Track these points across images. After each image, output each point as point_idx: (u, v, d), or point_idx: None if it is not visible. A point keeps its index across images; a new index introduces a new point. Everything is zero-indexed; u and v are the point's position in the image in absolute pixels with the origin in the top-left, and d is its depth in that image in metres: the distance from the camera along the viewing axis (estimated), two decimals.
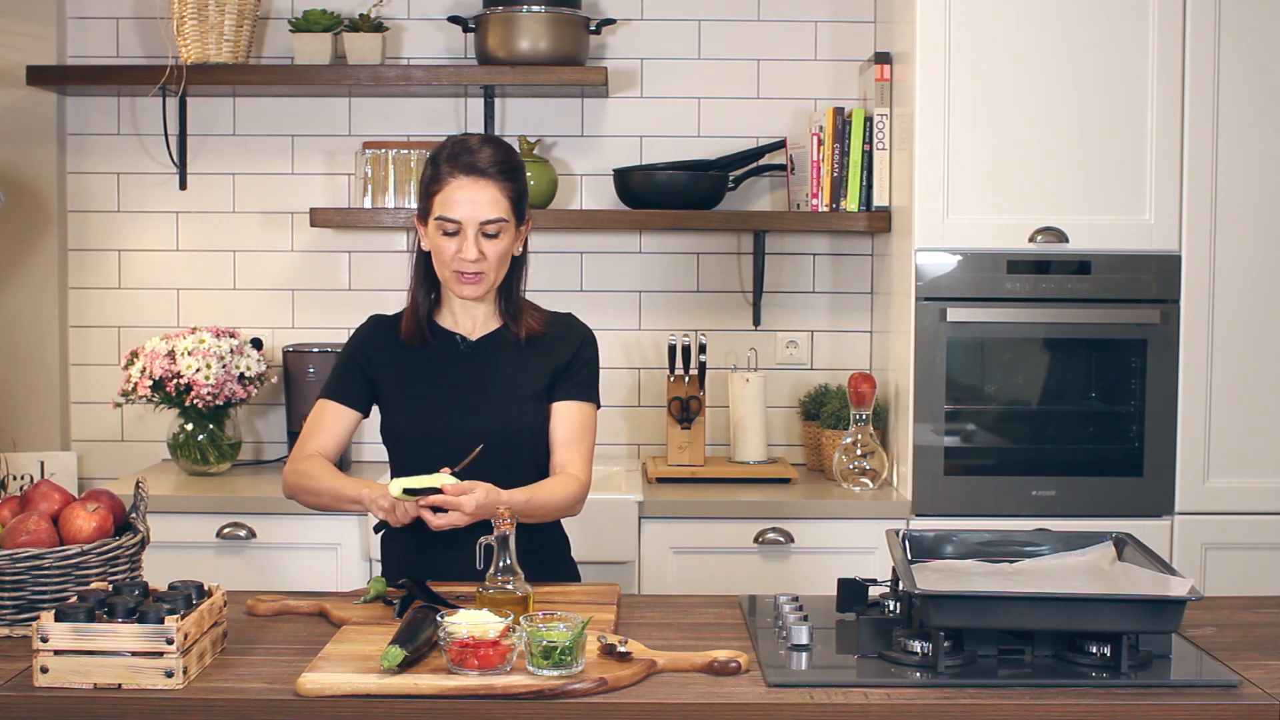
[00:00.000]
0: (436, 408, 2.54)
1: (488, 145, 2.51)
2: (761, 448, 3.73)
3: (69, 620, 1.92)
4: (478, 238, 2.46)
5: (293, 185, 3.91)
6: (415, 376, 2.57)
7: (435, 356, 2.58)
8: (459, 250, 2.46)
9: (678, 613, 2.34)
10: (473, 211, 2.45)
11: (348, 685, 1.91)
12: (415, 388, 2.57)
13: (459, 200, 2.46)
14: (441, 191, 2.47)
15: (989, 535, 2.36)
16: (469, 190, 2.46)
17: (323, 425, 2.60)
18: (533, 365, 2.58)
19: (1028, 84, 3.36)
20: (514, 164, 2.53)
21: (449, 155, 2.49)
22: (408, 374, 2.58)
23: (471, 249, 2.46)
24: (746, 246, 3.91)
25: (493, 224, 2.46)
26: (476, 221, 2.46)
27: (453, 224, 2.46)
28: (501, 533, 2.21)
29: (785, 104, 3.89)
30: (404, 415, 2.56)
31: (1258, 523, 3.42)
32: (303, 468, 2.54)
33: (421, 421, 2.54)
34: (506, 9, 3.64)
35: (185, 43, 3.68)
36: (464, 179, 2.46)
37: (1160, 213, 3.38)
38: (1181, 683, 1.99)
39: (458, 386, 2.55)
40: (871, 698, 1.92)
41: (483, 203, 2.46)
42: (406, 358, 2.58)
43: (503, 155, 2.51)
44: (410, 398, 2.56)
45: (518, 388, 2.56)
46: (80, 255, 3.91)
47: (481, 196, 2.46)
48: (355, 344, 2.64)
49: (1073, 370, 3.51)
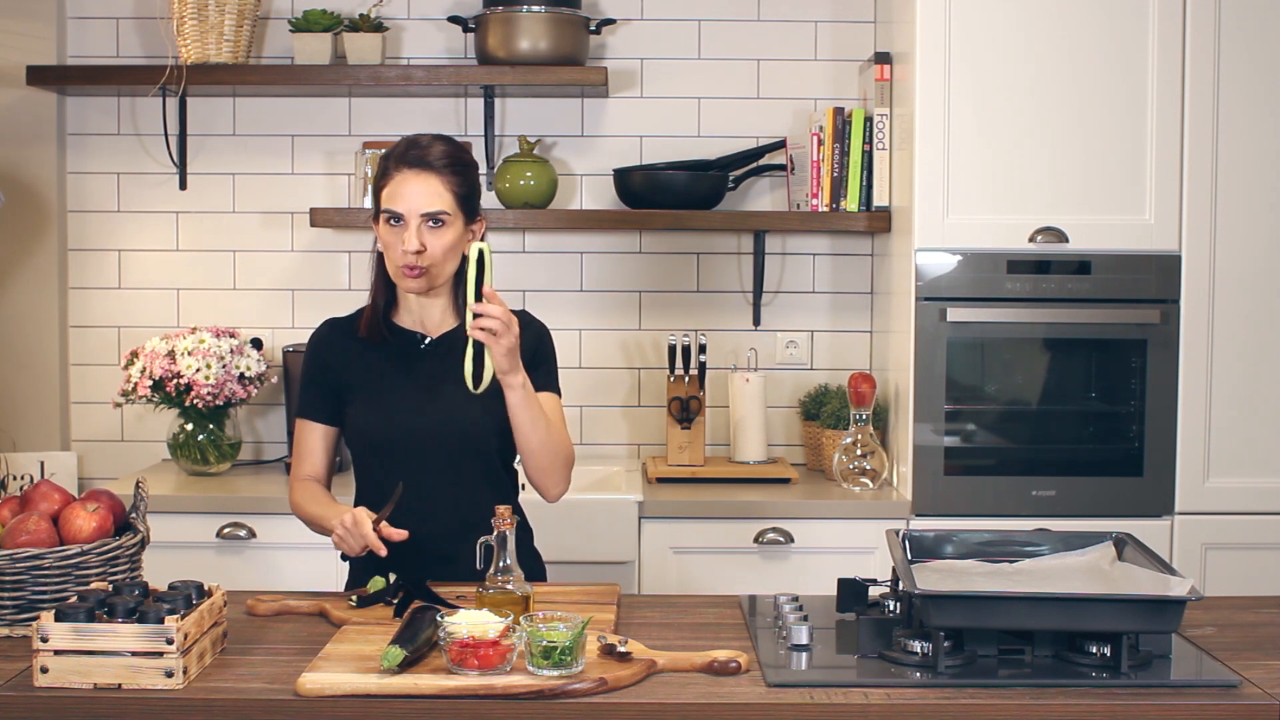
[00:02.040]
0: (397, 406, 2.54)
1: (437, 142, 2.53)
2: (761, 448, 3.73)
3: (69, 620, 1.92)
4: (420, 229, 2.46)
5: (293, 185, 3.91)
6: (375, 375, 2.57)
7: (394, 355, 2.58)
8: (403, 242, 2.47)
9: (678, 613, 2.34)
10: (415, 203, 2.46)
11: (348, 685, 1.90)
12: (376, 386, 2.56)
13: (403, 193, 2.47)
14: (387, 186, 2.49)
15: (989, 535, 2.36)
16: (412, 183, 2.47)
17: (305, 447, 2.62)
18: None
19: (1028, 84, 3.36)
20: (461, 160, 2.54)
21: (398, 154, 2.51)
22: (368, 374, 2.57)
23: (413, 240, 2.46)
24: (746, 246, 3.91)
25: (435, 216, 2.47)
26: (418, 213, 2.46)
27: (396, 215, 2.47)
28: (501, 532, 2.21)
29: (785, 104, 3.89)
30: (365, 415, 2.56)
31: (1258, 523, 3.42)
32: (296, 499, 2.59)
33: (383, 420, 2.53)
34: (506, 9, 3.64)
35: (185, 43, 3.68)
36: (408, 172, 2.48)
37: (1160, 213, 3.38)
38: (1181, 683, 1.99)
39: (418, 384, 2.55)
40: (871, 698, 1.92)
41: (424, 194, 2.47)
42: (366, 358, 2.58)
43: (450, 151, 2.53)
44: (371, 397, 2.56)
45: None
46: (80, 255, 3.91)
47: (424, 188, 2.47)
48: (312, 353, 2.64)
49: (1073, 370, 3.51)
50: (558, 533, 2.87)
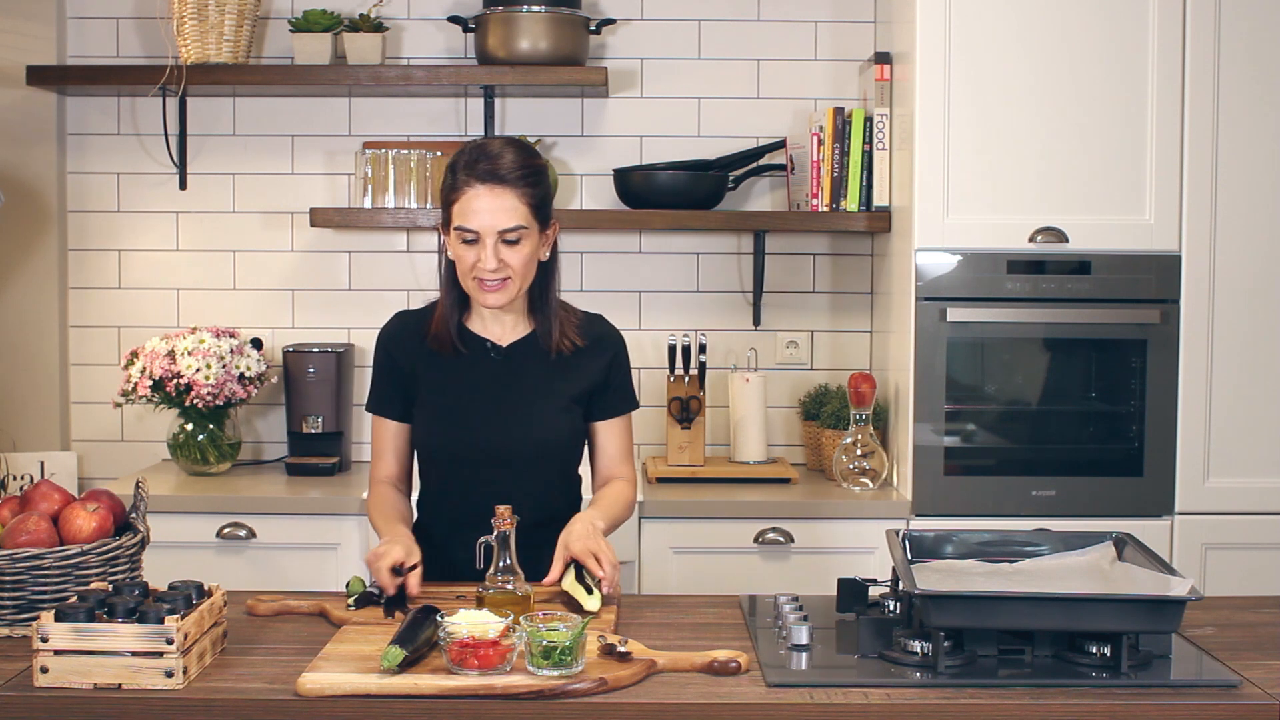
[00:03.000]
0: (465, 422, 2.50)
1: (507, 150, 2.44)
2: (761, 448, 3.73)
3: (69, 620, 1.92)
4: (497, 246, 2.40)
5: (293, 185, 3.91)
6: (444, 386, 2.52)
7: (464, 364, 2.53)
8: (478, 260, 2.40)
9: (678, 613, 2.34)
10: (490, 220, 2.39)
11: (348, 685, 1.91)
12: (444, 399, 2.52)
13: (476, 209, 2.39)
14: (459, 201, 2.41)
15: (989, 535, 2.36)
16: (486, 199, 2.39)
17: (379, 446, 2.61)
18: (563, 375, 2.53)
19: (1028, 84, 3.36)
20: (534, 168, 2.45)
21: (466, 163, 2.42)
22: (437, 382, 2.53)
23: (491, 259, 2.39)
24: (746, 246, 3.91)
25: (512, 232, 2.40)
26: (495, 230, 2.39)
27: (471, 233, 2.40)
28: (501, 532, 2.20)
29: (785, 104, 3.89)
30: (434, 426, 2.53)
31: (1258, 523, 3.42)
32: (369, 505, 2.58)
33: (453, 433, 2.50)
34: (506, 9, 3.64)
35: (185, 43, 3.68)
36: (480, 187, 2.39)
37: (1160, 213, 3.38)
38: (1181, 683, 1.99)
39: (487, 398, 2.50)
40: (871, 698, 1.92)
41: (500, 210, 2.39)
42: (436, 363, 2.53)
43: (523, 160, 2.43)
44: (439, 410, 2.52)
45: (547, 400, 2.52)
46: (80, 255, 3.91)
47: (499, 204, 2.39)
48: (383, 349, 2.59)
49: (1073, 370, 3.51)
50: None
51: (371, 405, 2.61)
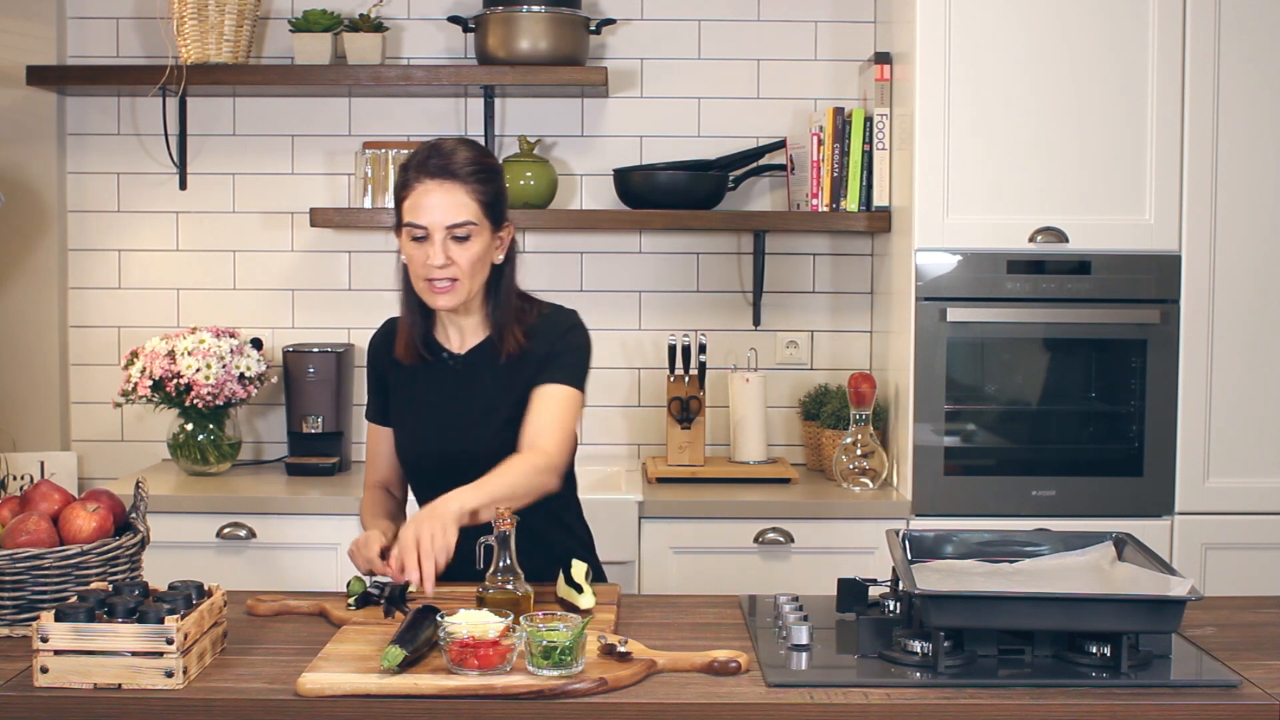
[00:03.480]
0: (425, 432, 2.51)
1: (460, 147, 2.41)
2: (761, 448, 3.73)
3: (69, 620, 1.92)
4: (445, 243, 2.36)
5: (293, 185, 3.91)
6: (410, 395, 2.54)
7: (427, 373, 2.52)
8: (427, 257, 2.37)
9: (678, 613, 2.34)
10: (440, 216, 2.36)
11: (348, 685, 1.90)
12: (410, 408, 2.54)
13: (425, 204, 2.36)
14: (409, 197, 2.38)
15: (989, 535, 2.36)
16: (435, 194, 2.36)
17: (371, 450, 2.63)
18: (517, 380, 2.48)
19: (1028, 84, 3.36)
20: (487, 166, 2.42)
21: (419, 161, 2.39)
22: (404, 392, 2.55)
23: (438, 254, 2.36)
24: (746, 246, 3.91)
25: (461, 228, 2.37)
26: (443, 225, 2.36)
27: (420, 229, 2.37)
28: (501, 532, 2.20)
29: (785, 104, 3.89)
30: (399, 438, 2.55)
31: (1258, 523, 3.42)
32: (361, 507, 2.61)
33: (412, 444, 2.53)
34: (506, 9, 3.64)
35: (185, 43, 3.68)
36: (430, 182, 2.37)
37: (1160, 213, 3.38)
38: (1181, 683, 1.99)
39: (445, 407, 2.50)
40: (871, 698, 1.91)
41: (449, 205, 2.36)
42: (405, 373, 2.55)
43: (475, 156, 2.41)
44: (405, 419, 2.55)
45: (501, 407, 2.48)
46: (80, 255, 3.91)
47: (448, 200, 2.36)
48: (371, 357, 2.63)
49: (1072, 370, 3.51)
50: None
51: (368, 412, 2.65)
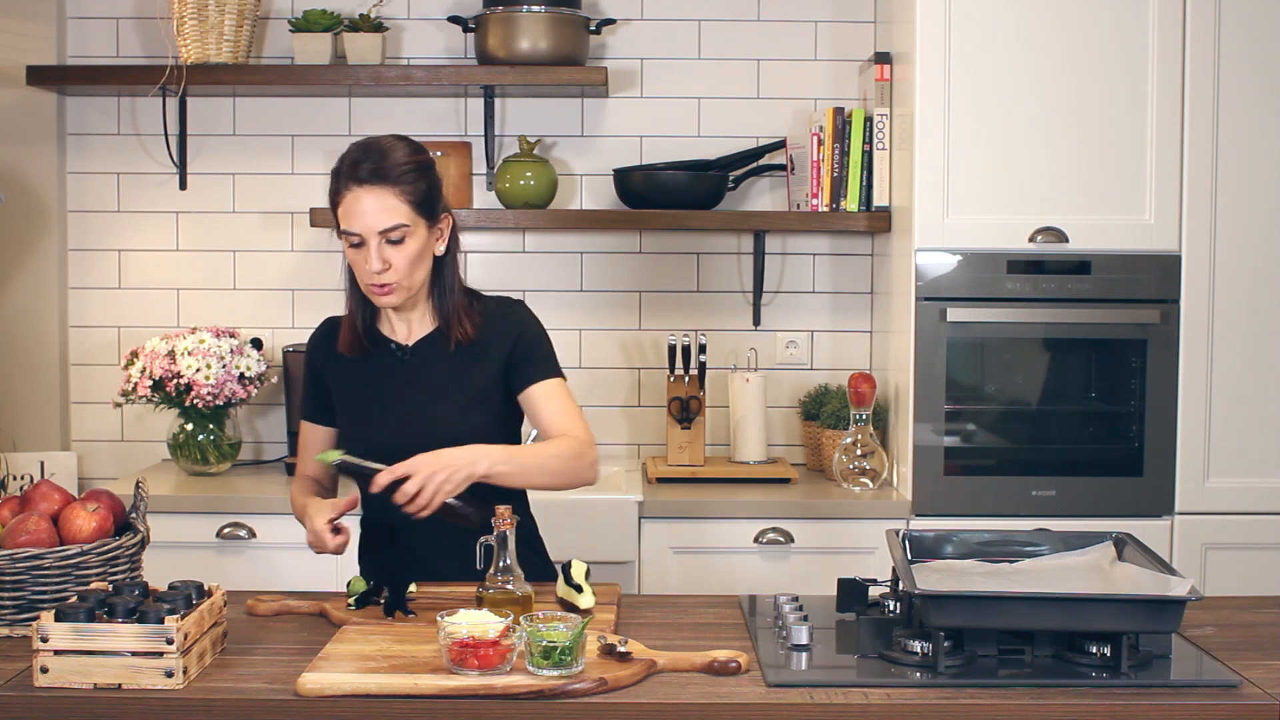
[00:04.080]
0: (375, 424, 2.49)
1: (389, 148, 2.40)
2: (761, 448, 3.73)
3: (69, 620, 1.92)
4: (380, 247, 2.37)
5: (293, 185, 3.91)
6: (356, 388, 2.52)
7: (374, 366, 2.51)
8: (365, 262, 2.38)
9: (678, 613, 2.34)
10: (371, 222, 2.35)
11: (348, 685, 1.91)
12: (357, 401, 2.52)
13: (356, 211, 2.36)
14: (342, 204, 2.38)
15: (989, 535, 2.36)
16: (366, 200, 2.35)
17: (305, 448, 2.62)
18: (470, 369, 2.48)
19: (1028, 84, 3.36)
20: (416, 164, 2.40)
21: (349, 165, 2.39)
22: (350, 386, 2.53)
23: (375, 260, 2.36)
24: (746, 246, 3.91)
25: (393, 231, 2.36)
26: (375, 232, 2.36)
27: (354, 236, 2.38)
28: (501, 532, 2.20)
29: (785, 104, 3.89)
30: (349, 430, 2.52)
31: (1258, 523, 3.42)
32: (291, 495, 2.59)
33: (366, 439, 2.46)
34: (506, 9, 3.64)
35: (185, 43, 3.68)
36: (358, 190, 2.36)
37: (1160, 213, 3.38)
38: (1181, 683, 1.99)
39: (396, 397, 2.49)
40: (871, 698, 1.92)
41: (380, 211, 2.35)
42: (349, 367, 2.53)
43: (403, 157, 2.39)
44: (353, 412, 2.52)
45: (453, 395, 2.47)
46: (80, 255, 3.91)
47: (378, 205, 2.35)
48: (310, 354, 2.61)
49: (1073, 370, 3.51)
50: (558, 532, 2.87)
51: (302, 410, 2.62)
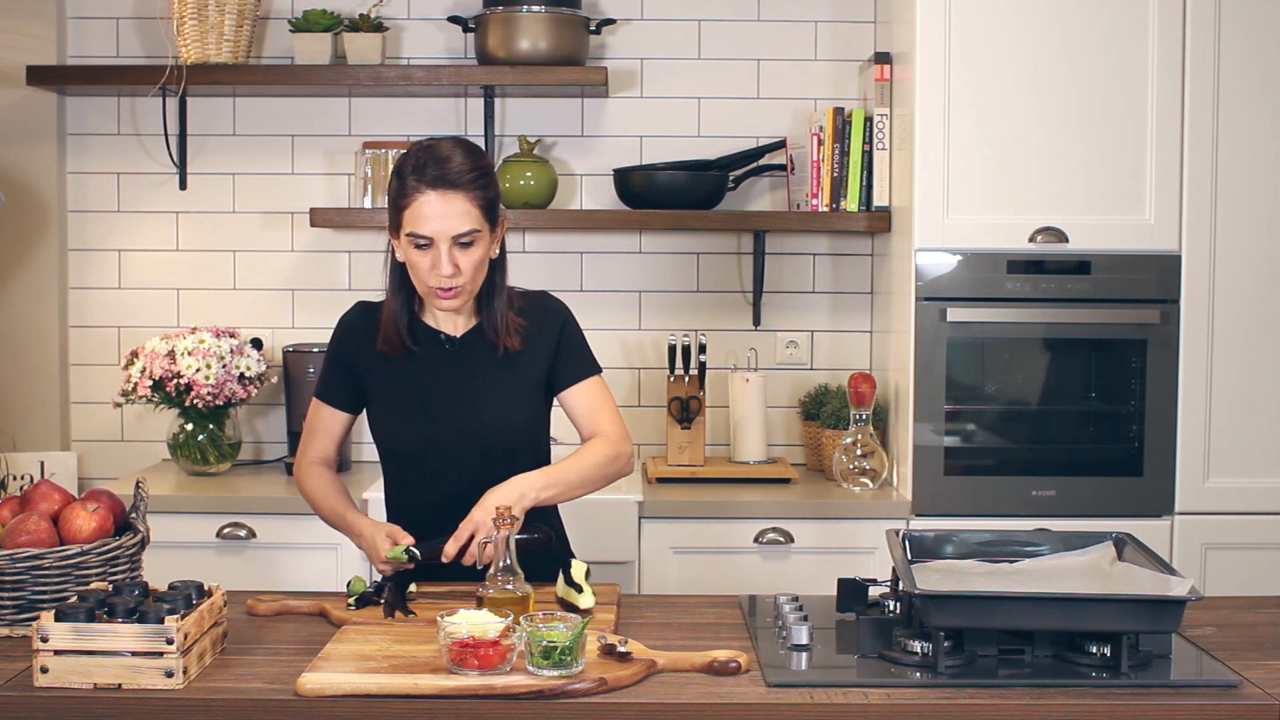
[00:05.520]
0: (425, 415, 2.48)
1: (456, 152, 2.40)
2: (761, 448, 3.73)
3: (69, 620, 1.92)
4: (451, 251, 2.37)
5: (293, 185, 3.91)
6: (400, 383, 2.50)
7: (419, 359, 2.51)
8: (434, 265, 2.38)
9: (678, 613, 2.34)
10: (443, 226, 2.36)
11: (348, 685, 1.91)
12: (402, 395, 2.50)
13: (429, 215, 2.36)
14: (410, 207, 2.37)
15: (989, 535, 2.36)
16: (437, 204, 2.35)
17: (318, 428, 2.59)
18: (516, 363, 2.51)
19: (1028, 84, 3.36)
20: (483, 169, 2.42)
21: (415, 167, 2.38)
22: (394, 378, 2.51)
23: (446, 264, 2.37)
24: (746, 246, 3.91)
25: (466, 235, 2.37)
26: (448, 236, 2.36)
27: (424, 239, 2.37)
28: (502, 532, 2.21)
29: (785, 104, 3.89)
30: (394, 425, 2.51)
31: (1258, 523, 3.42)
32: (306, 481, 2.58)
33: (413, 431, 2.49)
34: (506, 9, 3.64)
35: (185, 43, 3.68)
36: (431, 193, 2.36)
37: (1160, 213, 3.38)
38: (1181, 683, 1.99)
39: (444, 390, 2.49)
40: (871, 698, 1.92)
41: (453, 215, 2.36)
42: (389, 362, 2.52)
43: (472, 162, 2.40)
44: (399, 406, 2.51)
45: (502, 389, 2.50)
46: (80, 255, 3.91)
47: (451, 210, 2.36)
48: (340, 339, 2.58)
49: (1072, 370, 3.51)
50: None
51: (319, 390, 2.60)
